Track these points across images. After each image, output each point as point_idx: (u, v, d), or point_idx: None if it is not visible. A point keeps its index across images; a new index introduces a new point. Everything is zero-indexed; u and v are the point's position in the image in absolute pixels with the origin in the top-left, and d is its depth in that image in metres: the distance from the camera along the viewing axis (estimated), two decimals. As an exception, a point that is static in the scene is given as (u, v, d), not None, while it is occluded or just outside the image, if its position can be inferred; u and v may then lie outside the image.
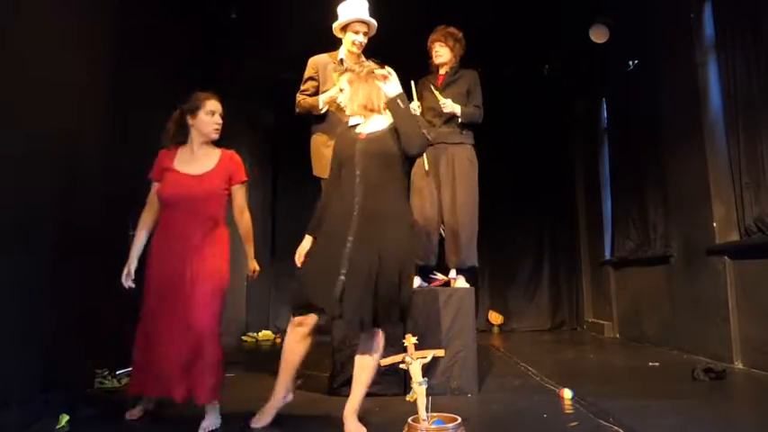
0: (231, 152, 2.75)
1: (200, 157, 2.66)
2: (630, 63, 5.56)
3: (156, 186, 2.68)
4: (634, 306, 5.57)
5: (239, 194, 2.70)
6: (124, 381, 3.53)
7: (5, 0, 2.69)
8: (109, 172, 3.58)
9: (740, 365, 3.81)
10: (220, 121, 2.68)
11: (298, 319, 2.42)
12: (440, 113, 3.58)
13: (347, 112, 2.64)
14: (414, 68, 3.63)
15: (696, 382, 3.33)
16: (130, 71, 3.98)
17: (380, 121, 2.52)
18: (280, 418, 2.56)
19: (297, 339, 2.45)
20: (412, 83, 3.54)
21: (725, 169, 4.09)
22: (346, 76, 2.60)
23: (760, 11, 3.63)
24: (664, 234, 4.94)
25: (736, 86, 3.90)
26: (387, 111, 2.49)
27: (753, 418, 2.63)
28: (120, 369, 3.74)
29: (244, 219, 2.72)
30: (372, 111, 2.53)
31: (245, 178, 2.72)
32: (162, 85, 4.69)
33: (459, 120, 3.53)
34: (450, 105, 3.47)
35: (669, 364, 4.05)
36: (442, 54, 3.62)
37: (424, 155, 3.54)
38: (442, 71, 3.66)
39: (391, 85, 2.43)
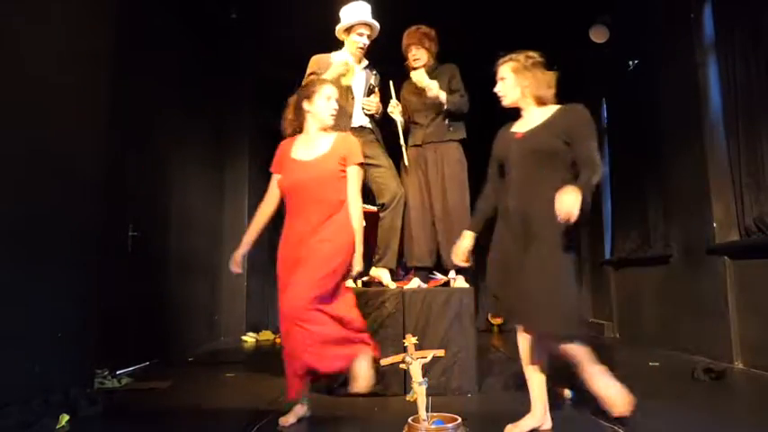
0: (345, 133, 2.73)
1: (316, 143, 2.64)
2: (630, 63, 5.56)
3: (275, 179, 2.69)
4: (634, 306, 5.57)
5: (351, 178, 2.63)
6: (124, 381, 3.54)
7: (5, 0, 2.69)
8: (109, 172, 3.58)
9: (740, 365, 3.81)
10: (337, 106, 2.66)
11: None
12: (426, 113, 3.56)
13: (504, 102, 2.48)
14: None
15: (696, 382, 3.33)
16: (130, 71, 3.99)
17: (541, 115, 2.41)
18: (279, 419, 2.57)
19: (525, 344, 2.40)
20: (390, 82, 3.55)
21: (725, 169, 4.09)
22: (509, 64, 2.47)
23: (760, 11, 3.63)
24: (664, 234, 4.93)
25: (737, 86, 3.90)
26: (551, 102, 2.42)
27: (753, 418, 2.63)
28: (120, 369, 3.75)
29: (351, 207, 2.61)
30: (543, 102, 2.43)
31: (361, 161, 2.66)
32: (162, 84, 4.71)
33: (446, 107, 3.48)
34: (435, 89, 3.39)
35: (669, 364, 4.05)
36: (419, 57, 3.55)
37: (405, 152, 3.55)
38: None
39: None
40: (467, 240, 2.61)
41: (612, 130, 6.27)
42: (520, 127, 2.44)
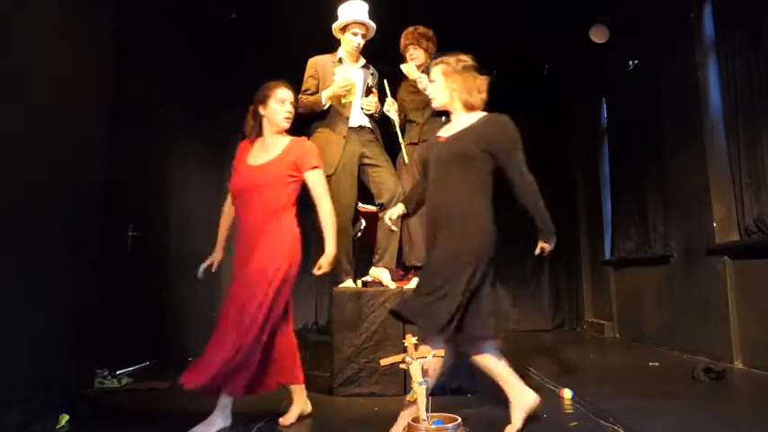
0: (300, 138, 2.68)
1: (269, 147, 2.62)
2: (630, 63, 5.56)
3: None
4: (634, 306, 5.57)
5: (312, 182, 2.60)
6: (124, 381, 3.54)
7: (6, 0, 2.69)
8: (109, 172, 3.58)
9: (740, 365, 3.80)
10: (291, 109, 2.63)
11: None
12: (422, 111, 3.56)
13: (434, 105, 2.52)
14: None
15: (696, 382, 3.33)
16: (130, 71, 3.99)
17: (466, 120, 2.40)
18: (279, 419, 2.57)
19: None
20: (385, 81, 3.55)
21: (725, 169, 4.09)
22: (441, 66, 2.48)
23: (760, 11, 3.63)
24: (664, 234, 4.94)
25: (737, 86, 3.90)
26: (480, 108, 2.42)
27: (753, 418, 2.63)
28: (120, 369, 3.75)
29: (320, 209, 2.61)
30: (471, 107, 2.42)
31: (316, 164, 2.62)
32: (161, 84, 4.71)
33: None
34: (425, 81, 3.33)
35: (669, 364, 4.05)
36: (417, 57, 3.57)
37: (403, 148, 3.55)
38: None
39: None
40: (397, 209, 2.73)
41: (612, 130, 6.27)
42: (446, 131, 2.46)
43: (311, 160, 2.61)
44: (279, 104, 2.60)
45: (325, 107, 3.37)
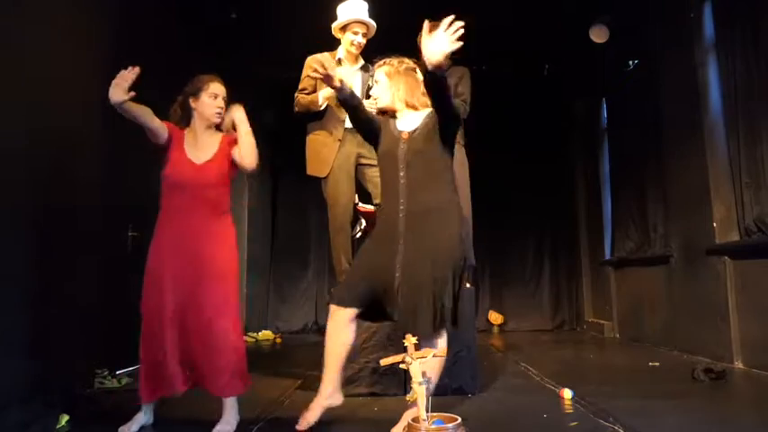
0: (231, 135, 2.65)
1: (203, 144, 2.58)
2: (630, 63, 5.56)
3: (163, 124, 2.58)
4: (634, 306, 5.57)
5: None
6: (124, 381, 3.53)
7: (6, 1, 2.69)
8: (109, 172, 3.58)
9: (740, 365, 3.81)
10: (223, 104, 2.60)
11: (336, 307, 2.34)
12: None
13: (378, 105, 2.52)
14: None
15: (696, 382, 3.33)
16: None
17: (418, 117, 2.43)
18: (280, 419, 2.57)
19: (339, 326, 2.33)
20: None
21: (725, 169, 4.09)
22: (384, 68, 2.51)
23: (760, 10, 3.63)
24: (664, 234, 4.94)
25: (737, 86, 3.90)
26: (423, 107, 2.43)
27: (753, 418, 2.63)
28: (120, 369, 3.74)
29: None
30: (413, 107, 2.45)
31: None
32: (161, 84, 4.70)
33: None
34: None
35: (669, 364, 4.05)
36: None
37: None
38: None
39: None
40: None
41: (612, 129, 6.27)
42: (403, 126, 2.44)
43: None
44: (211, 99, 2.57)
45: (322, 107, 3.36)
